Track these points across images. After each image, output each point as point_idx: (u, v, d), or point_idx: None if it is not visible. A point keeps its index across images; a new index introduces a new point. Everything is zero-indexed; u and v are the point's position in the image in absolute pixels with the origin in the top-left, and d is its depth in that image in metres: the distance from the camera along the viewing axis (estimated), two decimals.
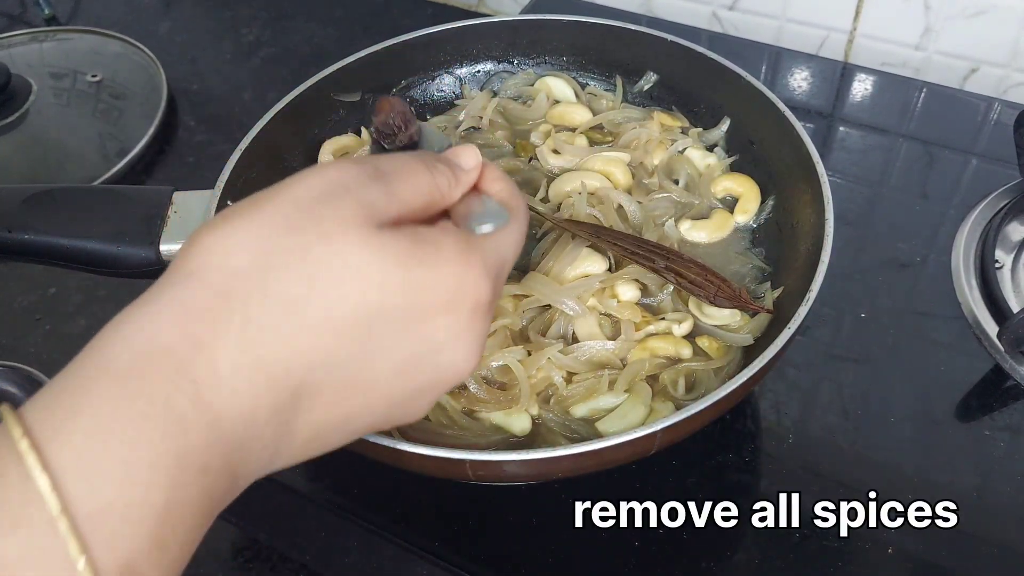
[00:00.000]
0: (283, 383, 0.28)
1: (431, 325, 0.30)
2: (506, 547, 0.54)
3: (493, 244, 0.33)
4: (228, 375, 0.26)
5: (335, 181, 0.30)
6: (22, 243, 0.52)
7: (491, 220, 0.35)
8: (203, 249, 0.28)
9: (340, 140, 0.68)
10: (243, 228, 0.28)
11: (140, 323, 0.27)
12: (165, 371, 0.26)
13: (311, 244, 0.28)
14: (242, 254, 0.28)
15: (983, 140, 0.77)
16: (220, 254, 0.28)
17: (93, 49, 0.94)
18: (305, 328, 0.28)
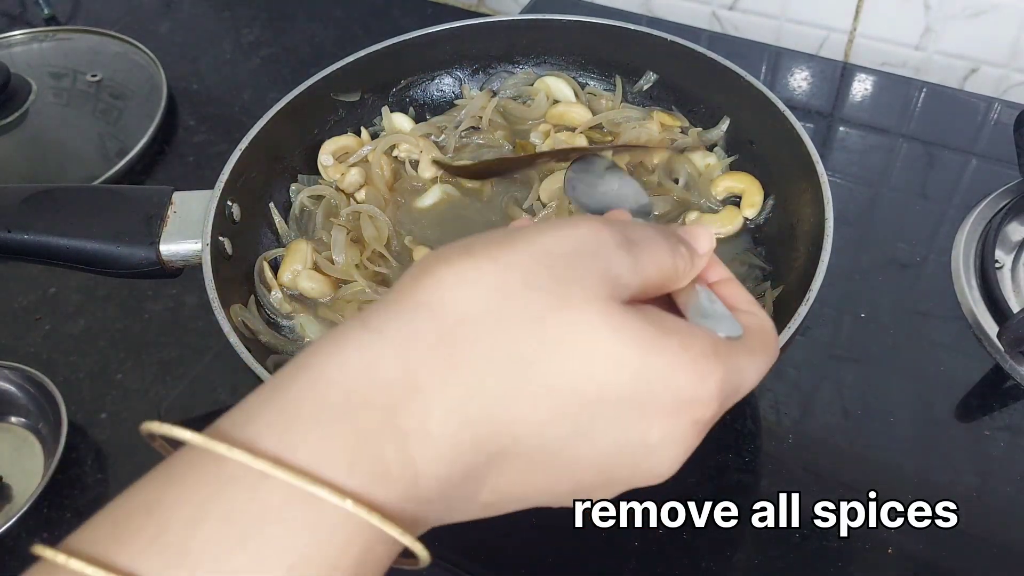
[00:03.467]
0: (485, 447, 0.25)
1: (648, 424, 0.27)
2: (506, 547, 0.54)
3: (737, 364, 0.29)
4: (437, 429, 0.24)
5: (586, 241, 0.28)
6: (22, 243, 0.52)
7: (721, 324, 0.31)
8: (437, 282, 0.26)
9: (340, 140, 0.68)
10: (483, 270, 0.26)
11: (362, 351, 0.25)
12: (376, 414, 0.24)
13: (552, 307, 0.26)
14: (478, 299, 0.26)
15: (983, 140, 0.77)
16: (455, 292, 0.26)
17: (93, 49, 0.94)
18: (524, 395, 0.25)
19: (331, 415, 0.24)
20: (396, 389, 0.24)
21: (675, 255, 0.31)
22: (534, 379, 0.25)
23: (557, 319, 0.26)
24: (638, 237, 0.29)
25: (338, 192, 0.66)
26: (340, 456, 0.23)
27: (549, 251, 0.27)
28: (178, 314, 0.70)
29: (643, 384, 0.26)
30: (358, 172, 0.66)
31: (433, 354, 0.25)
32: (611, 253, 0.28)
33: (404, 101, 0.73)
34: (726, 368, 0.28)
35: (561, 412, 0.26)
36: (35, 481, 0.59)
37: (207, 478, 0.23)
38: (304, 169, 0.68)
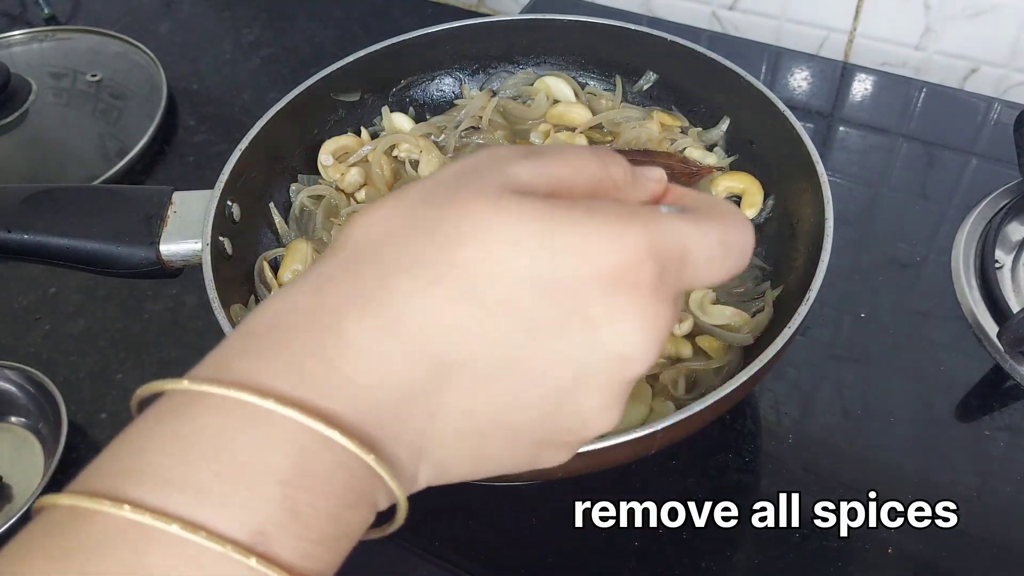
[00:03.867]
0: (420, 353, 0.25)
1: (582, 299, 0.25)
2: (506, 547, 0.54)
3: (669, 223, 0.27)
4: (355, 339, 0.25)
5: (482, 159, 0.28)
6: (22, 243, 0.52)
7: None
8: (346, 229, 0.28)
9: (340, 140, 0.68)
10: (385, 205, 0.27)
11: (284, 294, 0.27)
12: (297, 335, 0.25)
13: (445, 213, 0.26)
14: (379, 227, 0.27)
15: (983, 140, 0.77)
16: (359, 228, 0.27)
17: (93, 49, 0.94)
18: (438, 295, 0.25)
19: (256, 343, 0.25)
20: (312, 313, 0.25)
21: (603, 161, 0.29)
22: (442, 281, 0.25)
23: (453, 220, 0.26)
24: (544, 149, 0.29)
25: (338, 192, 0.66)
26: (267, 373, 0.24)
27: (445, 175, 0.28)
28: (178, 314, 0.70)
29: (552, 259, 0.25)
30: (358, 172, 0.66)
31: (341, 281, 0.26)
32: (507, 161, 0.27)
33: (404, 101, 0.73)
34: (649, 226, 0.26)
35: (480, 305, 0.25)
36: (35, 481, 0.59)
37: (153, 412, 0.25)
38: (304, 169, 0.68)
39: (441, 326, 0.25)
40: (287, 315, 0.26)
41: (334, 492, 0.25)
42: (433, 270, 0.25)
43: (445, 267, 0.25)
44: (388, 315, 0.25)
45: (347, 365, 0.25)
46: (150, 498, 0.22)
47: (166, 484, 0.23)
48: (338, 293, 0.26)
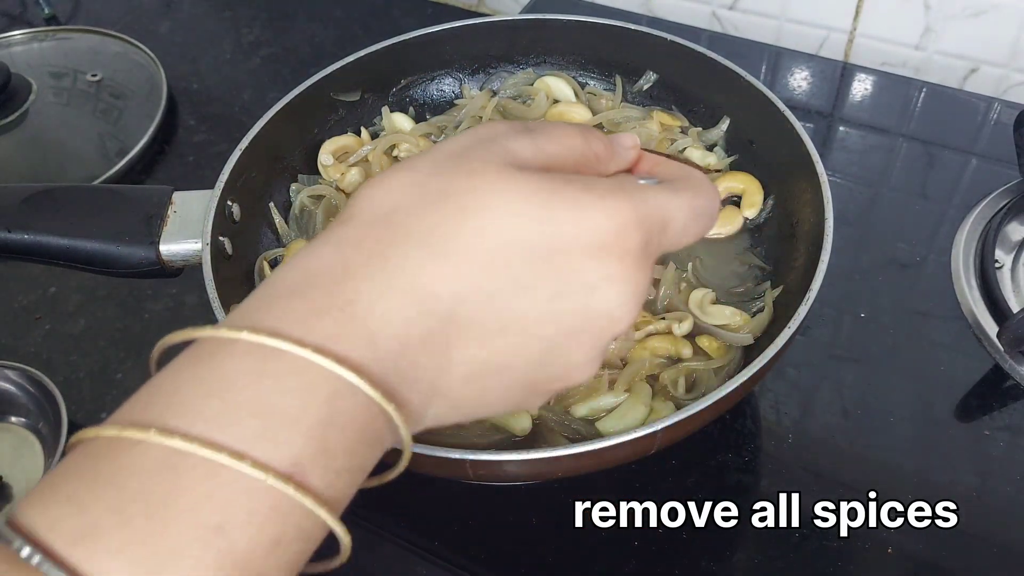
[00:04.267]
0: (432, 309, 0.28)
1: (577, 265, 0.29)
2: (506, 547, 0.54)
3: (653, 196, 0.31)
4: (377, 298, 0.28)
5: (483, 134, 0.31)
6: (22, 243, 0.52)
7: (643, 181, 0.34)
8: (360, 198, 0.30)
9: (340, 140, 0.68)
10: (395, 177, 0.30)
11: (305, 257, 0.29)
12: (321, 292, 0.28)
13: (453, 183, 0.29)
14: (391, 197, 0.30)
15: (983, 140, 0.77)
16: (372, 199, 0.30)
17: (93, 49, 0.94)
18: (449, 259, 0.28)
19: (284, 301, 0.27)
20: (334, 273, 0.28)
21: (587, 137, 0.33)
22: (454, 245, 0.28)
23: (461, 189, 0.29)
24: (539, 127, 0.32)
25: (338, 192, 0.66)
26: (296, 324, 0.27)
27: (450, 148, 0.31)
28: (178, 314, 0.70)
29: (553, 228, 0.29)
30: (358, 172, 0.66)
31: (360, 244, 0.29)
32: (507, 136, 0.31)
33: (404, 101, 0.73)
34: (635, 200, 0.30)
35: (489, 267, 0.28)
36: (35, 481, 0.59)
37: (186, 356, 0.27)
38: (304, 169, 0.68)
39: (452, 288, 0.28)
40: (313, 274, 0.28)
41: (355, 432, 0.27)
42: (444, 238, 0.28)
43: (455, 236, 0.28)
44: (405, 278, 0.28)
45: (371, 320, 0.27)
46: (194, 430, 0.24)
47: (206, 419, 0.25)
48: (361, 256, 0.28)
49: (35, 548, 0.23)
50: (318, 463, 0.26)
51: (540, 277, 0.29)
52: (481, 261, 0.28)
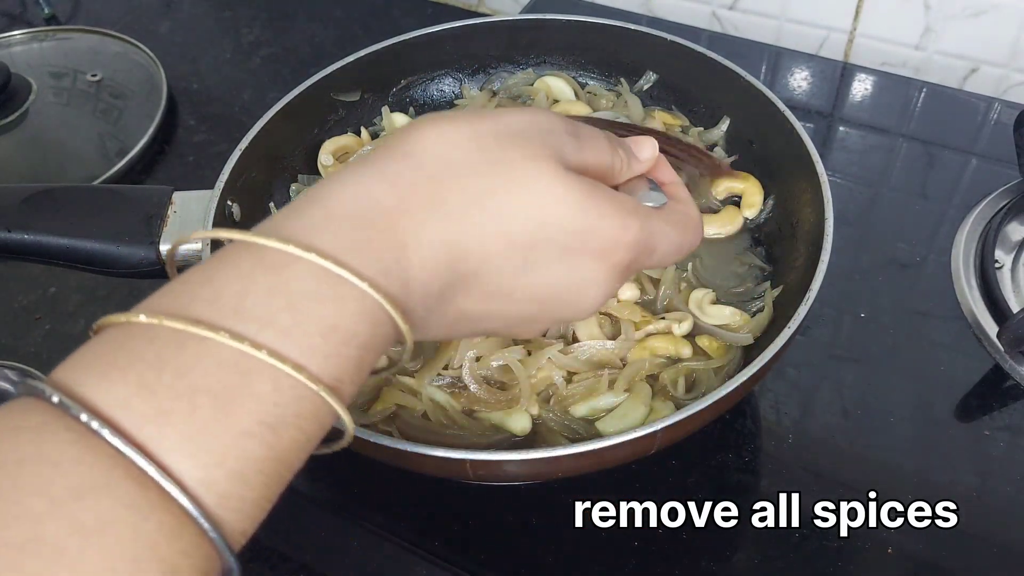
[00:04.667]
0: (458, 267, 0.32)
1: (582, 263, 0.34)
2: (506, 547, 0.54)
3: (652, 225, 0.36)
4: (425, 245, 0.31)
5: (542, 123, 0.35)
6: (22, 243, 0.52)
7: (651, 200, 0.40)
8: (423, 136, 0.33)
9: (340, 140, 0.68)
10: (460, 131, 0.33)
11: (365, 185, 0.31)
12: (383, 227, 0.30)
13: (515, 161, 0.33)
14: (456, 150, 0.32)
15: (983, 140, 0.77)
16: (438, 144, 0.32)
17: (93, 49, 0.94)
18: (490, 226, 0.32)
19: (347, 227, 0.30)
20: (394, 214, 0.31)
21: (613, 154, 0.38)
22: (498, 216, 0.32)
23: (520, 170, 0.33)
24: (584, 133, 0.36)
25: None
26: (356, 254, 0.29)
27: (514, 122, 0.34)
28: None
29: (580, 227, 0.33)
30: None
31: (420, 190, 0.31)
32: (561, 134, 0.35)
33: (404, 101, 0.73)
34: (642, 225, 0.35)
35: (516, 245, 0.33)
36: None
37: (251, 262, 0.29)
38: (304, 169, 0.68)
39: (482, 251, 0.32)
40: (373, 207, 0.31)
41: (378, 353, 0.31)
42: (493, 205, 0.32)
43: (501, 206, 0.32)
44: (450, 232, 0.32)
45: (412, 267, 0.31)
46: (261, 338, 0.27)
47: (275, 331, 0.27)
48: (416, 199, 0.31)
49: (103, 422, 0.24)
50: (354, 380, 0.29)
51: (549, 264, 0.34)
52: (515, 233, 0.32)
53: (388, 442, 0.44)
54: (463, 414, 0.53)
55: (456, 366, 0.54)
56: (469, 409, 0.53)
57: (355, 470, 0.56)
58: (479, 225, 0.32)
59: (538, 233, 0.33)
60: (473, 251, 0.32)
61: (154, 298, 0.28)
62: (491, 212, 0.32)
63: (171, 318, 0.26)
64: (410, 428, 0.52)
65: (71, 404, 0.24)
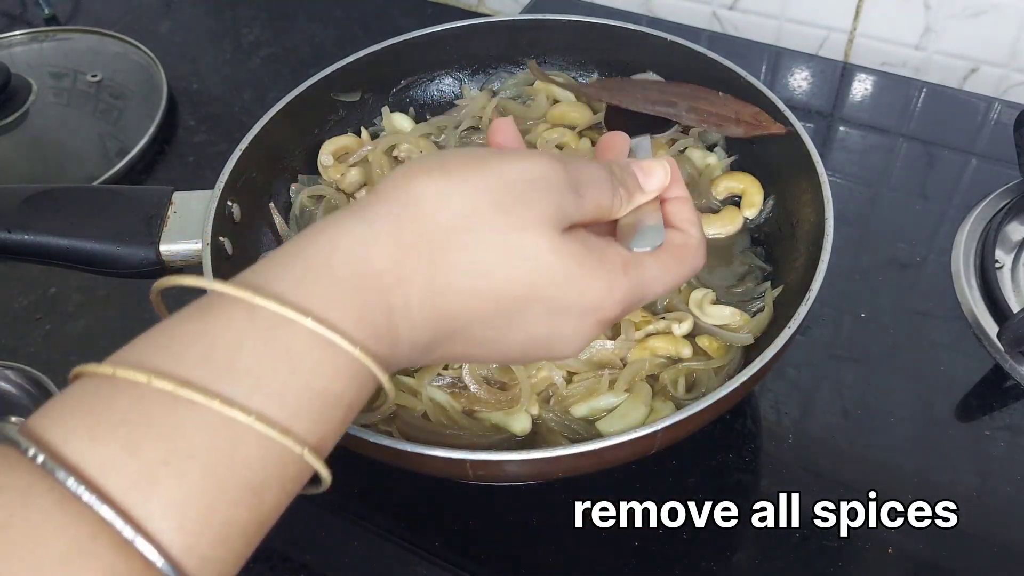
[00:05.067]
0: (446, 327, 0.33)
1: (565, 320, 0.35)
2: (506, 547, 0.54)
3: (643, 277, 0.37)
4: (416, 307, 0.32)
5: (543, 176, 0.34)
6: (22, 243, 0.52)
7: (645, 243, 0.38)
8: (420, 193, 0.33)
9: (340, 140, 0.68)
10: (458, 189, 0.33)
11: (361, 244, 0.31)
12: (377, 290, 0.31)
13: (511, 227, 0.33)
14: (453, 212, 0.32)
15: (983, 140, 0.77)
16: (435, 202, 0.32)
17: (93, 49, 0.94)
18: (480, 292, 0.33)
19: (342, 290, 0.30)
20: (388, 277, 0.31)
21: (614, 197, 0.38)
22: (490, 282, 0.33)
23: (514, 238, 0.33)
24: (586, 179, 0.36)
25: (338, 192, 0.66)
26: (349, 319, 0.30)
27: (513, 180, 0.34)
28: None
29: (567, 290, 0.34)
30: (358, 172, 0.66)
31: (415, 252, 0.32)
32: (562, 191, 0.34)
33: (404, 101, 0.73)
34: (631, 282, 0.36)
35: (504, 308, 0.34)
36: None
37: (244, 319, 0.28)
38: (304, 169, 0.68)
39: (472, 314, 0.33)
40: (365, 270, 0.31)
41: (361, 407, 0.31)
42: (487, 269, 0.33)
43: (494, 270, 0.33)
44: (444, 296, 0.32)
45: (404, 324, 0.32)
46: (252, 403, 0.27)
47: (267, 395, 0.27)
48: (412, 265, 0.32)
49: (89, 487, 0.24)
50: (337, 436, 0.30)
51: (534, 323, 0.35)
52: (504, 297, 0.33)
53: (388, 442, 0.44)
54: (463, 414, 0.53)
55: (456, 366, 0.54)
56: (469, 409, 0.53)
57: (355, 470, 0.56)
58: (471, 288, 0.33)
59: (527, 296, 0.34)
60: (463, 312, 0.33)
61: (141, 345, 0.28)
62: (483, 276, 0.33)
63: (161, 378, 0.26)
64: (410, 428, 0.52)
65: (56, 467, 0.24)
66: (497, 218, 0.33)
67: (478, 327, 0.34)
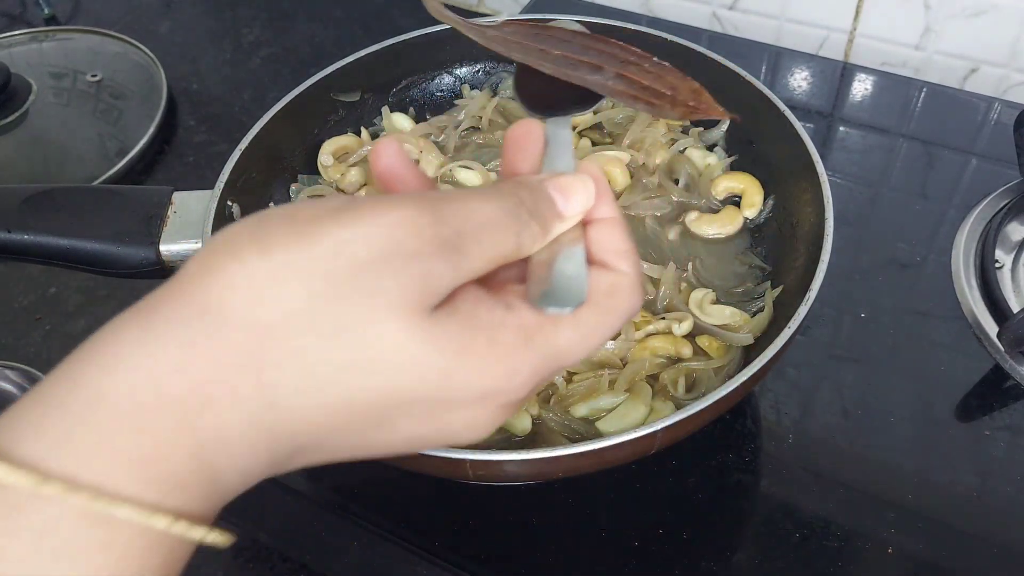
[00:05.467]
0: (287, 446, 0.26)
1: (453, 415, 0.28)
2: (506, 547, 0.54)
3: (555, 345, 0.28)
4: (236, 438, 0.24)
5: (397, 242, 0.25)
6: (22, 243, 0.52)
7: (562, 301, 0.29)
8: (227, 284, 0.24)
9: (340, 140, 0.68)
10: (279, 275, 0.24)
11: (145, 362, 0.24)
12: (171, 428, 0.23)
13: (356, 321, 0.25)
14: (274, 308, 0.24)
15: (983, 140, 0.77)
16: (247, 299, 0.24)
17: (93, 49, 0.94)
18: (326, 406, 0.25)
19: (123, 434, 0.23)
20: (190, 402, 0.24)
21: (520, 234, 0.29)
22: (334, 392, 0.25)
23: (359, 334, 0.25)
24: (471, 227, 0.27)
25: (338, 192, 0.66)
26: (139, 477, 0.23)
27: (355, 255, 0.25)
28: None
29: (447, 385, 0.26)
30: (358, 172, 0.66)
31: (227, 368, 0.24)
32: (428, 257, 0.26)
33: (404, 101, 0.73)
34: (539, 357, 0.28)
35: (362, 416, 0.26)
36: None
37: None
38: (304, 169, 0.68)
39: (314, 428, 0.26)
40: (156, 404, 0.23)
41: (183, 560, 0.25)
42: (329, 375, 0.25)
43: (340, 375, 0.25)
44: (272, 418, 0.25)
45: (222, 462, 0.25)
46: None
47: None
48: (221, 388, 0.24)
49: None
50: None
51: (411, 425, 0.27)
52: (359, 404, 0.25)
53: None
54: None
55: None
56: None
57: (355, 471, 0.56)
58: (314, 404, 0.25)
59: (391, 403, 0.26)
60: (307, 428, 0.25)
61: None
62: (327, 387, 0.25)
63: None
64: None
65: None
66: (337, 310, 0.24)
67: (336, 437, 0.26)
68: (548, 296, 0.28)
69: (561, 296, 0.29)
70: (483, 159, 0.67)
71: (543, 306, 0.28)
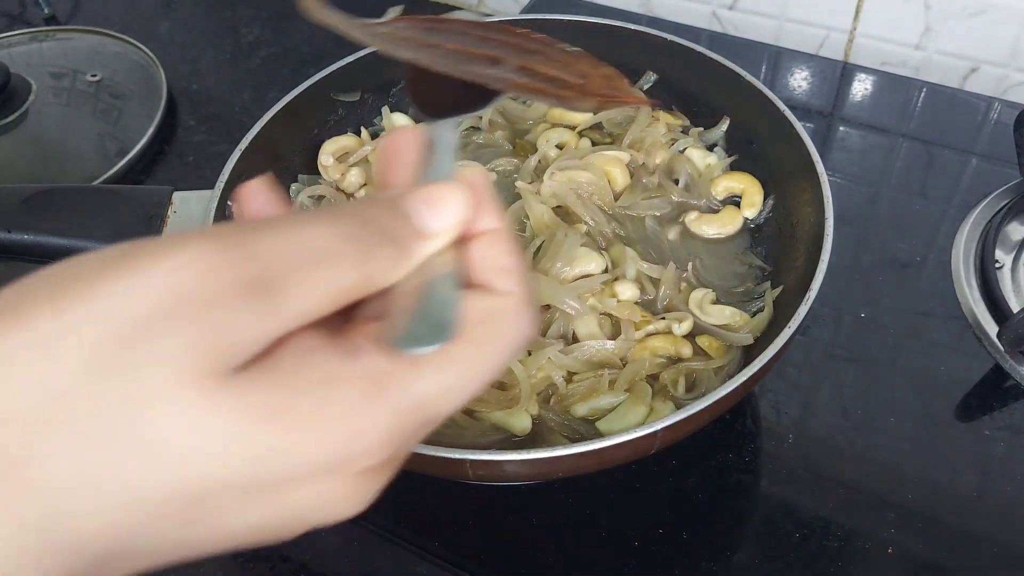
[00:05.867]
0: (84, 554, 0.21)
1: (293, 495, 0.23)
2: (506, 547, 0.54)
3: (418, 395, 0.23)
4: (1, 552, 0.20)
5: (187, 292, 0.20)
6: (22, 243, 0.53)
7: (424, 338, 0.24)
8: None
9: (340, 140, 0.68)
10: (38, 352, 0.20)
11: None
12: None
13: (125, 401, 0.20)
14: (34, 393, 0.20)
15: (983, 140, 0.77)
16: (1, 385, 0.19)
17: (93, 49, 0.94)
18: (110, 506, 0.20)
19: None
20: None
21: (365, 263, 0.23)
22: (115, 488, 0.20)
23: (133, 417, 0.20)
24: (287, 262, 0.22)
25: (338, 192, 0.66)
26: None
27: (130, 315, 0.20)
28: None
29: (264, 463, 0.21)
30: (358, 172, 0.66)
31: None
32: (225, 305, 0.21)
33: (404, 101, 0.73)
34: (392, 409, 0.23)
35: (163, 515, 0.21)
36: None
37: None
38: (304, 169, 0.68)
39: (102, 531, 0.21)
40: None
41: None
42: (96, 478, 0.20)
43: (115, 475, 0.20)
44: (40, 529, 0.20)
45: None
46: None
47: None
48: None
49: None
50: None
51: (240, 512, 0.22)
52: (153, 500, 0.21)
53: None
54: (463, 414, 0.53)
55: None
56: (469, 409, 0.53)
57: None
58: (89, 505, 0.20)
59: (194, 489, 0.21)
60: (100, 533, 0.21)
61: None
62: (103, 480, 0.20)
63: None
64: None
65: None
66: (106, 389, 0.20)
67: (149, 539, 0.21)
68: (407, 334, 0.23)
69: (422, 332, 0.24)
70: (483, 159, 0.67)
71: (402, 347, 0.23)
